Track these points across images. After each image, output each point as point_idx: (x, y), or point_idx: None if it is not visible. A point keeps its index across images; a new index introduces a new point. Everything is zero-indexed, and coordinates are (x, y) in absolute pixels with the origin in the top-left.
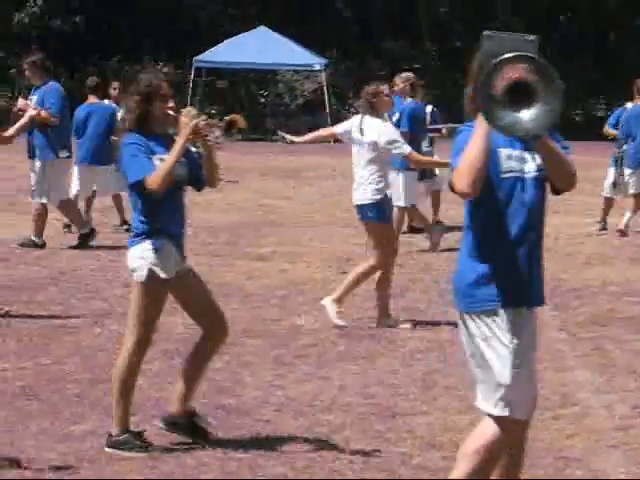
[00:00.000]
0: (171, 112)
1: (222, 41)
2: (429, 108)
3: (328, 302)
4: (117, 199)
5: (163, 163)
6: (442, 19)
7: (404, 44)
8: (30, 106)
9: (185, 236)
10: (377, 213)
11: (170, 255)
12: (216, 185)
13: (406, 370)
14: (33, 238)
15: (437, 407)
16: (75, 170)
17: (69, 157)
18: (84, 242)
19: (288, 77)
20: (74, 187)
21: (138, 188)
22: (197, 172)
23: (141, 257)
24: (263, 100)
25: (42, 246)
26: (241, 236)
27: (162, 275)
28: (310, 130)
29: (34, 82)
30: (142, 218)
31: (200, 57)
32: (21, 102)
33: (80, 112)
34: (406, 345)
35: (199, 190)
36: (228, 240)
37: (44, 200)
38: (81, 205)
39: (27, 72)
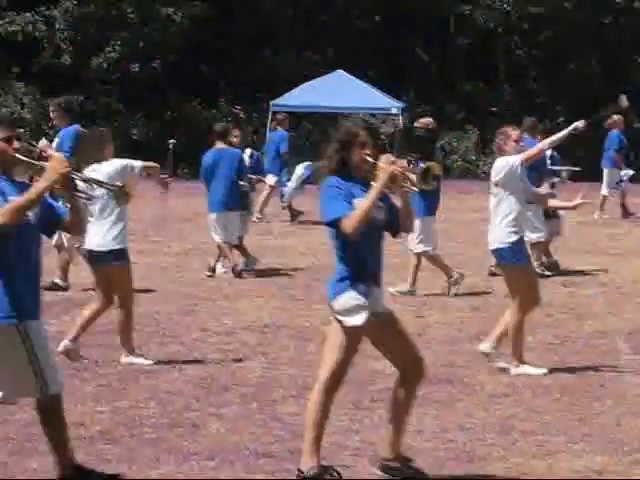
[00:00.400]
0: (369, 158)
1: (299, 85)
2: (549, 152)
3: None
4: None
5: (359, 207)
6: (519, 62)
7: (481, 87)
8: (50, 147)
9: (383, 278)
10: (512, 255)
11: (377, 296)
12: (411, 231)
13: (483, 415)
14: (56, 281)
15: (515, 452)
16: (210, 218)
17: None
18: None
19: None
20: (216, 236)
21: (334, 230)
22: (395, 217)
23: (353, 303)
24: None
25: (66, 289)
26: (318, 279)
27: (371, 318)
28: None
29: (58, 124)
30: (344, 262)
31: (277, 101)
32: (42, 144)
33: (208, 158)
34: (483, 389)
35: (394, 236)
36: (305, 284)
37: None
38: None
39: (52, 114)
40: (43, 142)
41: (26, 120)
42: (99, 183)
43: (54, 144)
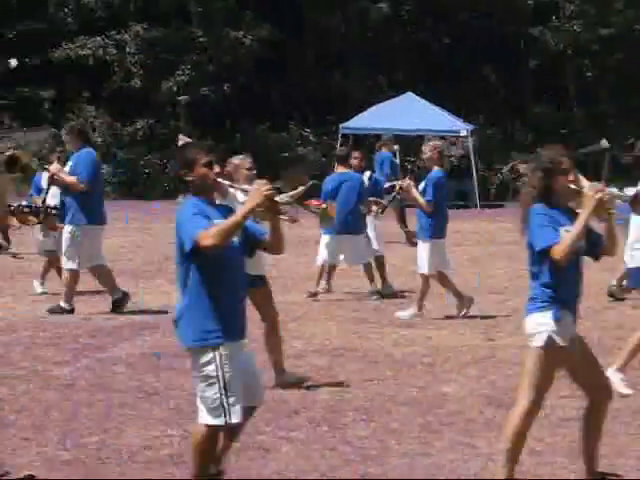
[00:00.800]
0: (572, 186)
1: (369, 108)
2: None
3: (611, 373)
4: (368, 267)
5: (568, 234)
6: (589, 84)
7: (551, 109)
8: (62, 170)
9: (579, 305)
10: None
11: (568, 324)
12: (615, 255)
13: (552, 438)
14: (62, 304)
15: (585, 476)
16: (323, 239)
17: (101, 224)
18: (118, 308)
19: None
20: (320, 257)
21: (544, 257)
22: (596, 242)
23: (541, 324)
24: (409, 166)
25: (71, 311)
26: (388, 302)
27: (560, 343)
28: (457, 195)
29: (70, 148)
30: (544, 286)
31: (347, 124)
32: (53, 167)
33: (329, 183)
34: (552, 413)
35: (596, 259)
36: (375, 306)
37: (74, 266)
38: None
39: (64, 137)
40: (55, 166)
41: (97, 144)
42: (302, 205)
43: (67, 167)
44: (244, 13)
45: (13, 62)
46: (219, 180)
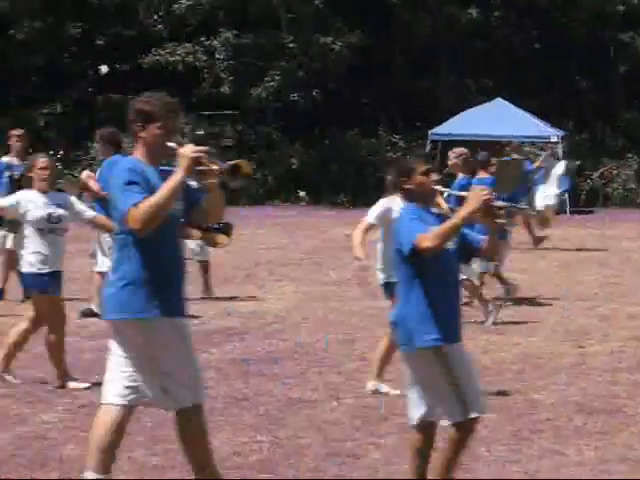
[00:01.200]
0: None
1: (458, 113)
2: None
3: None
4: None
5: None
6: None
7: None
8: (93, 177)
9: None
10: None
11: None
12: None
13: None
14: (92, 307)
15: None
16: None
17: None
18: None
19: (524, 149)
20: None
21: None
22: None
23: None
24: None
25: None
26: (477, 308)
27: None
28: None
29: (102, 155)
30: None
31: (436, 129)
32: (84, 174)
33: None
34: None
35: None
36: (464, 313)
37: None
38: None
39: (97, 144)
40: (86, 173)
41: None
42: (517, 208)
43: (97, 174)
44: (334, 19)
45: (104, 68)
46: (437, 187)
